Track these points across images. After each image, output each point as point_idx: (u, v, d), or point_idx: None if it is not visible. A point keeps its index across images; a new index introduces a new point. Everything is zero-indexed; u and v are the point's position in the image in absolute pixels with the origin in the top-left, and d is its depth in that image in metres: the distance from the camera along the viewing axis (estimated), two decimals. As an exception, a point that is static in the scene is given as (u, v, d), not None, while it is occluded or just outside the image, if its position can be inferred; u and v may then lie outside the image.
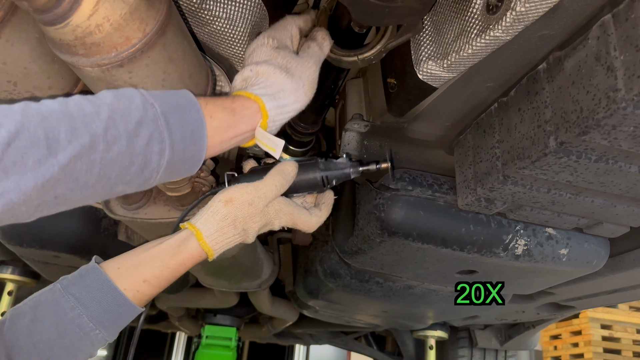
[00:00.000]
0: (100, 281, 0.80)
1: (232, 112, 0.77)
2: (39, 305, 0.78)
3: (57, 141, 0.56)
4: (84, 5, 0.61)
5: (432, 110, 1.03)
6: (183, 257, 0.83)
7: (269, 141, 0.80)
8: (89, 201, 0.64)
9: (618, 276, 1.43)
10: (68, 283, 0.80)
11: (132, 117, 0.63)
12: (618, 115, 0.68)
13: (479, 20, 0.76)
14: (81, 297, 0.78)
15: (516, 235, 1.23)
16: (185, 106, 0.71)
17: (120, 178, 0.63)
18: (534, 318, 2.30)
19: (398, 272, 1.52)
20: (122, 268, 0.83)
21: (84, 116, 0.59)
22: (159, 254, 0.83)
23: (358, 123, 1.18)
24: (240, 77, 0.84)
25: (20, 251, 1.65)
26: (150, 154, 0.65)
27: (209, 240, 0.84)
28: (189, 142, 0.70)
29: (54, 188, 0.57)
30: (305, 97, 0.85)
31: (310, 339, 3.55)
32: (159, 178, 0.69)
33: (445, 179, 1.25)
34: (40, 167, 0.54)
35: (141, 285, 0.82)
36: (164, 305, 2.80)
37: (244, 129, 0.78)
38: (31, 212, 0.59)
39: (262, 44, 0.87)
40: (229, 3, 0.87)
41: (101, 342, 0.80)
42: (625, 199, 0.97)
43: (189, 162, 0.72)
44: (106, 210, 1.18)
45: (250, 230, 0.87)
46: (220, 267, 1.62)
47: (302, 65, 0.86)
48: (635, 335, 4.83)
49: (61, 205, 0.61)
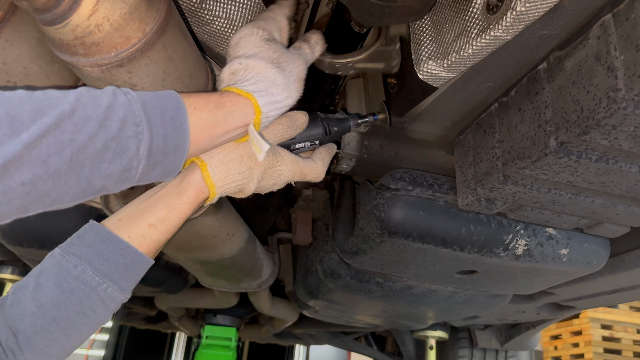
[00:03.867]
0: (100, 235, 0.75)
1: (220, 106, 0.73)
2: (41, 273, 0.73)
3: (20, 121, 0.53)
4: (83, 5, 0.61)
5: (432, 110, 1.03)
6: (188, 194, 0.78)
7: (257, 142, 0.78)
8: (67, 197, 0.60)
9: (618, 276, 1.43)
10: (67, 245, 0.75)
11: (102, 102, 0.60)
12: (618, 115, 0.68)
13: (479, 20, 0.76)
14: (83, 254, 0.73)
15: (516, 236, 1.23)
16: (164, 95, 0.68)
17: (96, 167, 0.60)
18: (534, 318, 2.30)
19: (398, 272, 1.52)
20: (124, 218, 0.78)
21: (49, 99, 0.57)
22: (163, 196, 0.79)
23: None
24: (228, 70, 0.81)
25: (20, 251, 1.65)
26: (126, 139, 0.61)
27: (213, 174, 0.79)
28: (170, 129, 0.66)
29: (19, 171, 0.53)
30: (296, 92, 0.83)
31: (310, 339, 3.55)
32: (140, 170, 0.65)
33: (446, 179, 1.25)
34: (2, 147, 0.51)
35: (147, 231, 0.76)
36: (164, 305, 2.80)
37: (235, 124, 0.75)
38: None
39: (250, 34, 0.83)
40: (229, 3, 0.87)
41: (113, 299, 0.75)
42: (626, 199, 0.97)
43: (172, 152, 0.68)
44: (105, 210, 1.18)
45: (256, 169, 0.83)
46: (220, 267, 1.62)
47: (293, 60, 0.84)
48: (635, 335, 4.83)
49: (34, 198, 0.56)
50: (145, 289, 2.16)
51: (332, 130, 0.95)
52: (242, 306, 2.71)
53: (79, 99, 0.59)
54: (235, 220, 1.40)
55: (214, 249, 1.42)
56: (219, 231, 1.33)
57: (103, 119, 0.59)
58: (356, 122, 0.98)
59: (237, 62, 0.80)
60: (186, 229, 1.24)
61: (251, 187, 0.86)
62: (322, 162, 0.95)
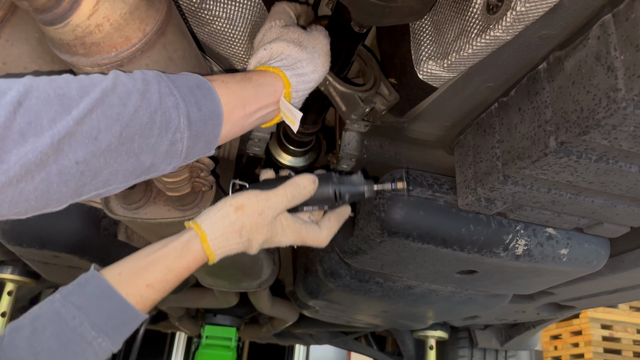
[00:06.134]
0: (100, 288, 0.77)
1: (248, 79, 0.75)
2: (39, 317, 0.75)
3: (68, 98, 0.54)
4: (83, 5, 0.61)
5: (432, 110, 1.03)
6: (187, 260, 0.82)
7: (290, 113, 0.79)
8: (118, 177, 0.61)
9: (618, 276, 1.43)
10: (67, 292, 0.77)
11: (137, 77, 0.62)
12: (618, 115, 0.68)
13: (479, 20, 0.76)
14: (82, 305, 0.75)
15: (516, 235, 1.23)
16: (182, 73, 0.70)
17: (145, 141, 0.60)
18: (534, 318, 2.30)
19: (398, 272, 1.52)
20: (124, 274, 0.80)
21: (91, 79, 0.59)
22: (163, 257, 0.81)
23: (358, 123, 1.17)
24: (254, 59, 0.83)
25: (20, 251, 1.65)
26: (167, 110, 0.62)
27: (212, 244, 0.82)
28: (200, 96, 0.67)
29: (73, 149, 0.54)
30: (322, 67, 0.85)
31: (310, 339, 3.55)
32: (186, 143, 0.65)
33: (446, 179, 1.25)
34: (55, 125, 0.52)
35: (144, 290, 0.79)
36: (164, 305, 2.79)
37: (267, 100, 0.77)
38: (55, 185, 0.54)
39: (270, 27, 0.87)
40: (229, 3, 0.87)
41: (105, 352, 0.77)
42: (626, 199, 0.97)
43: (210, 119, 0.68)
44: (106, 210, 1.18)
45: (255, 241, 0.86)
46: (220, 267, 1.62)
47: (314, 38, 0.86)
48: (635, 335, 4.83)
49: (88, 178, 0.57)
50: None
51: (344, 197, 0.92)
52: (242, 306, 2.71)
53: (117, 76, 0.61)
54: (235, 220, 1.40)
55: (214, 249, 1.42)
56: (219, 231, 1.33)
57: (143, 91, 0.61)
58: (371, 189, 0.94)
59: (262, 49, 0.83)
60: (186, 229, 1.24)
61: (251, 252, 0.88)
62: (327, 230, 0.94)
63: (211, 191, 1.18)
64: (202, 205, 1.17)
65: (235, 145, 1.30)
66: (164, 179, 1.02)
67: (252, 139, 1.21)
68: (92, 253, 1.62)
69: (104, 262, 1.73)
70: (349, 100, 0.95)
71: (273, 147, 1.33)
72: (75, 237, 1.55)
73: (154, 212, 1.19)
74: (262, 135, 1.19)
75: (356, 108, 0.95)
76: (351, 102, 0.95)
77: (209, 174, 1.09)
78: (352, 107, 0.96)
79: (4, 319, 2.21)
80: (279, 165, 1.33)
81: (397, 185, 0.95)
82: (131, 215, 1.18)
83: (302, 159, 1.35)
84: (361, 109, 0.95)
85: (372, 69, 1.00)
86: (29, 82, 0.53)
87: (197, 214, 1.16)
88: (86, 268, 0.81)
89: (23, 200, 0.53)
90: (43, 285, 2.54)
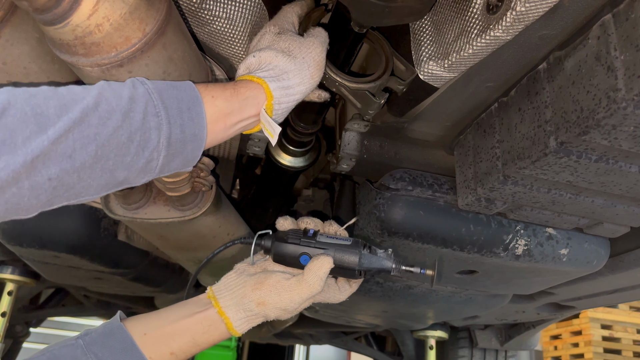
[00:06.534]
0: (124, 343, 0.78)
1: (236, 93, 0.75)
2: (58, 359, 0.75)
3: (46, 117, 0.54)
4: (83, 5, 0.61)
5: (432, 110, 1.03)
6: (213, 337, 0.86)
7: (269, 126, 0.79)
8: (90, 190, 0.61)
9: (618, 276, 1.43)
10: (91, 340, 0.78)
11: (124, 94, 0.61)
12: (618, 115, 0.68)
13: (479, 20, 0.76)
14: (103, 358, 0.76)
15: (516, 235, 1.23)
16: (180, 85, 0.69)
17: (120, 159, 0.60)
18: (534, 318, 2.30)
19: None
20: (149, 335, 0.82)
21: (73, 94, 0.57)
22: (189, 329, 0.84)
23: (358, 123, 1.17)
24: (243, 65, 0.83)
25: (20, 251, 1.65)
26: (148, 130, 0.62)
27: (238, 328, 0.87)
28: (187, 118, 0.67)
29: (46, 166, 0.54)
30: (311, 79, 0.84)
31: (310, 339, 3.55)
32: (161, 161, 0.65)
33: (446, 179, 1.25)
34: (29, 144, 0.52)
35: (168, 357, 0.82)
36: (164, 305, 2.79)
37: (249, 112, 0.76)
38: (25, 198, 0.54)
39: (264, 33, 0.87)
40: (229, 3, 0.87)
41: None
42: (626, 199, 0.97)
43: (191, 141, 0.68)
44: (106, 210, 1.18)
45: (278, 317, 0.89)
46: (220, 267, 1.62)
47: (306, 46, 0.84)
48: (635, 335, 4.83)
49: (60, 192, 0.57)
50: (145, 289, 2.16)
51: (366, 273, 0.92)
52: (242, 306, 2.71)
53: (102, 92, 0.60)
54: (235, 220, 1.40)
55: (214, 249, 1.42)
56: (219, 231, 1.33)
57: (126, 111, 0.60)
58: (399, 268, 0.92)
59: (251, 55, 0.83)
60: (186, 229, 1.24)
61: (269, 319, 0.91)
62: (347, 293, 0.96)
63: (211, 191, 1.18)
64: (202, 205, 1.17)
65: (235, 145, 1.30)
66: (164, 179, 1.02)
67: (252, 139, 1.21)
68: (92, 253, 1.62)
69: (104, 262, 1.72)
70: (362, 97, 0.94)
71: (273, 147, 1.33)
72: (75, 237, 1.55)
73: (154, 212, 1.19)
74: (262, 135, 1.19)
75: (370, 103, 0.94)
76: (364, 98, 0.94)
77: (209, 174, 1.09)
78: (366, 103, 0.95)
79: (4, 319, 2.20)
80: (279, 165, 1.33)
81: (427, 272, 0.93)
82: (131, 215, 1.18)
83: (302, 159, 1.35)
84: (376, 103, 0.94)
85: (381, 47, 0.97)
86: (7, 98, 0.53)
87: (197, 213, 1.16)
88: (86, 268, 0.81)
89: None
90: (43, 285, 2.54)
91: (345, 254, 0.90)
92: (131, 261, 1.77)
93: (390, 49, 0.97)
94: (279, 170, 1.37)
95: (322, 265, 0.86)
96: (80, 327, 5.29)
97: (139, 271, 1.85)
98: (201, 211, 1.17)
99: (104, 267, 1.71)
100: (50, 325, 4.72)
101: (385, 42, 0.97)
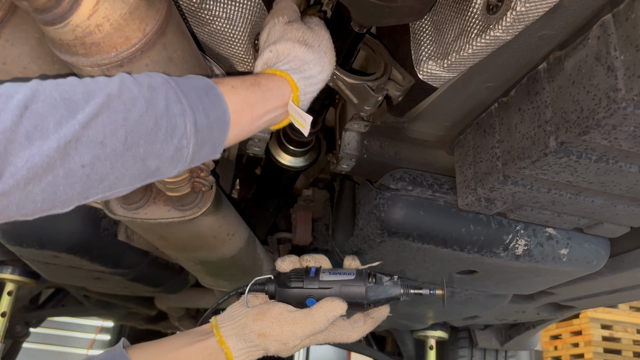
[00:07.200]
0: None
1: (257, 84, 0.74)
2: None
3: (74, 102, 0.54)
4: (83, 5, 0.61)
5: (432, 110, 1.03)
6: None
7: (299, 117, 0.79)
8: (124, 181, 0.61)
9: (618, 276, 1.43)
10: None
11: (144, 82, 0.62)
12: (618, 115, 0.68)
13: (479, 20, 0.76)
14: None
15: (516, 235, 1.23)
16: (190, 76, 0.70)
17: (150, 147, 0.60)
18: (534, 318, 2.30)
19: (398, 272, 1.52)
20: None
21: (97, 82, 0.58)
22: (190, 358, 0.84)
23: (358, 123, 1.18)
24: (260, 61, 0.83)
25: (20, 251, 1.65)
26: (173, 117, 0.62)
27: (237, 356, 0.86)
28: (207, 102, 0.67)
29: (79, 152, 0.54)
30: (329, 65, 0.84)
31: (310, 339, 3.55)
32: (191, 149, 0.65)
33: (446, 179, 1.25)
34: (61, 129, 0.52)
35: None
36: (164, 305, 2.79)
37: (275, 104, 0.76)
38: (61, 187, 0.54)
39: (274, 24, 0.86)
40: (229, 3, 0.87)
41: None
42: (626, 199, 0.97)
43: (217, 126, 0.68)
44: (106, 210, 1.18)
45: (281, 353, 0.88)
46: (220, 267, 1.62)
47: (318, 35, 0.85)
48: (635, 335, 4.83)
49: (94, 182, 0.57)
50: (145, 289, 2.16)
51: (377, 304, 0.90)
52: (242, 306, 2.71)
53: (123, 80, 0.60)
54: (235, 220, 1.40)
55: (214, 249, 1.42)
56: (219, 231, 1.33)
57: (149, 97, 0.61)
58: (408, 293, 0.90)
59: (267, 50, 0.83)
60: (186, 229, 1.24)
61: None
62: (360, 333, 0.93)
63: (211, 191, 1.18)
64: (202, 205, 1.17)
65: (235, 145, 1.30)
66: (163, 179, 1.02)
67: (252, 139, 1.21)
68: (92, 253, 1.62)
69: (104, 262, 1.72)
70: (360, 92, 0.93)
71: (273, 147, 1.33)
72: (75, 237, 1.55)
73: (154, 212, 1.19)
74: (262, 135, 1.19)
75: (368, 98, 0.93)
76: (362, 93, 0.93)
77: (209, 174, 1.09)
78: (363, 98, 0.94)
79: (4, 319, 2.20)
80: (279, 165, 1.33)
81: (436, 292, 0.93)
82: (131, 215, 1.18)
83: (302, 159, 1.35)
84: (373, 99, 0.93)
85: (380, 55, 0.97)
86: (35, 86, 0.53)
87: (197, 213, 1.16)
88: (86, 268, 0.82)
89: (30, 203, 0.53)
90: (43, 285, 2.54)
91: (351, 289, 0.88)
92: (131, 261, 1.77)
93: (390, 57, 0.97)
94: (279, 170, 1.37)
95: (334, 308, 0.85)
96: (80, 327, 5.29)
97: (139, 271, 1.85)
98: (201, 211, 1.17)
99: (104, 267, 1.71)
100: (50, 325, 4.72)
101: (385, 51, 0.98)
